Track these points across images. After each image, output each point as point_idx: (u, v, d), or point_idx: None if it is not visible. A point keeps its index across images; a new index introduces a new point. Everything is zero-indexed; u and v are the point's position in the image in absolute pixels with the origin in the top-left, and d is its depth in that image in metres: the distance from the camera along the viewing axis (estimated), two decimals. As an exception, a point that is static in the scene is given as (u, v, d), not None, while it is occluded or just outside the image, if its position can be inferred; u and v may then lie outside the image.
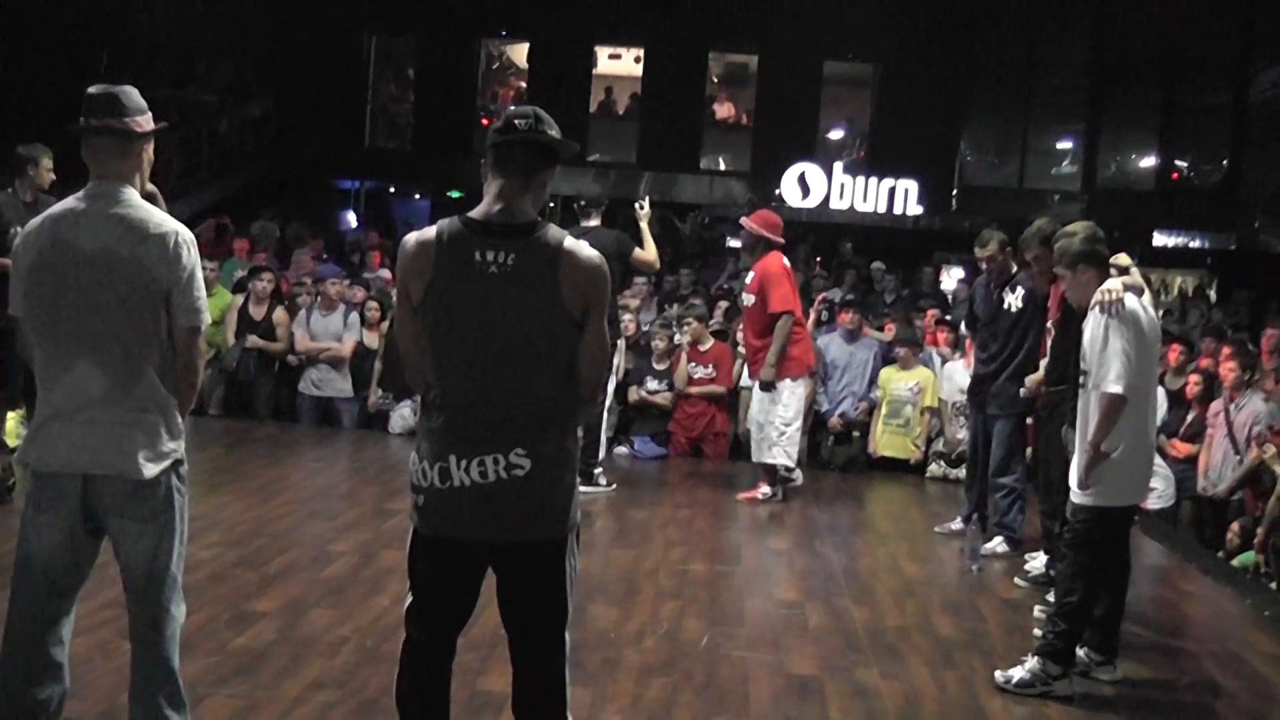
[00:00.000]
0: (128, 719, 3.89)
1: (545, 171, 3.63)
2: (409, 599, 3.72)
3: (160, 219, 3.83)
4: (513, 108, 3.65)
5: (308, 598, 6.27)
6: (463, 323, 3.50)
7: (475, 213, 3.57)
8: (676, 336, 11.35)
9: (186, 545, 3.95)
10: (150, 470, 3.76)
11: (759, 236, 9.26)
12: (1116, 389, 5.48)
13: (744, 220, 9.48)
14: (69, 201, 3.85)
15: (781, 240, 9.46)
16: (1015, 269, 8.20)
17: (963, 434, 10.53)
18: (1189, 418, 10.08)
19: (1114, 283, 5.63)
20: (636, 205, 9.76)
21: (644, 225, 9.53)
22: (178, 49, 23.18)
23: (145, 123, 3.91)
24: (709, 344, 11.11)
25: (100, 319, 3.73)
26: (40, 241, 3.77)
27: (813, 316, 11.88)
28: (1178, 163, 23.97)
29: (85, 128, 3.84)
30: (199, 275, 3.88)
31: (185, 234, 3.85)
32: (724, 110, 25.09)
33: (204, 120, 21.62)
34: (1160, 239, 22.49)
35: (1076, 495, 5.71)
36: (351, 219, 24.40)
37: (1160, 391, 9.14)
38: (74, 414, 3.74)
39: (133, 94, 3.91)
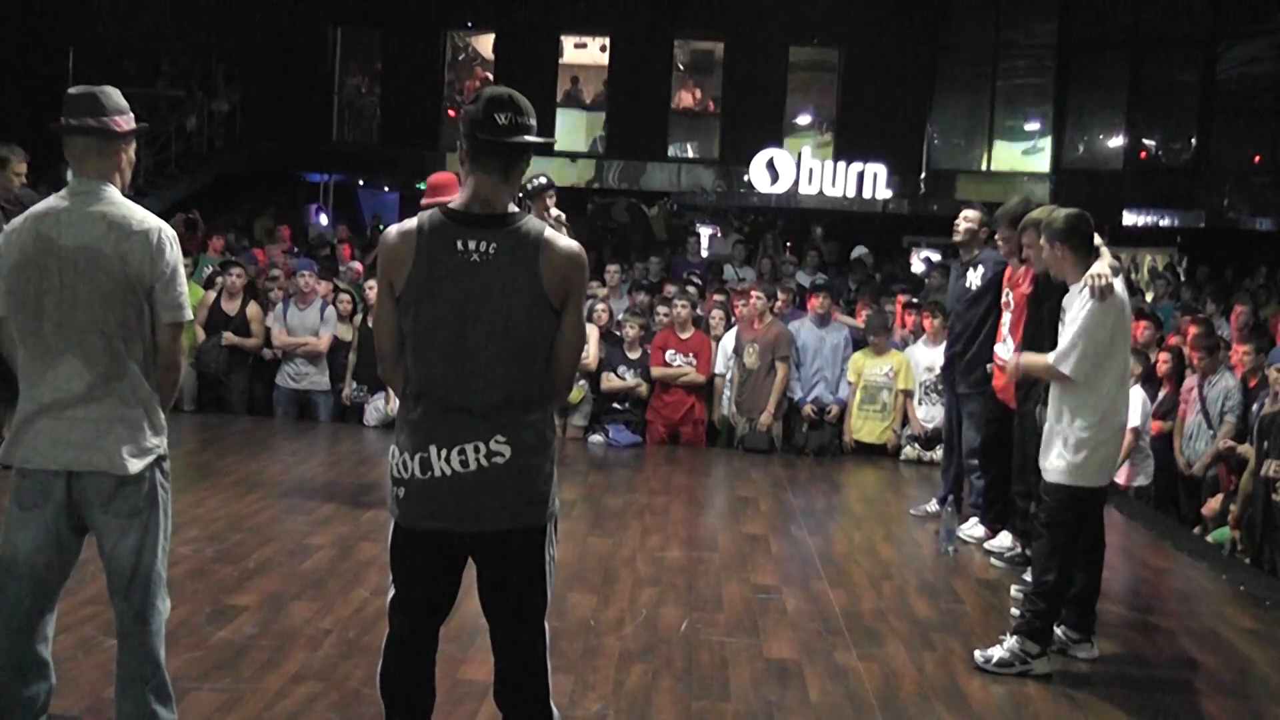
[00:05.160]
0: (115, 714, 3.90)
1: (523, 163, 3.65)
2: (391, 591, 3.73)
3: (142, 215, 3.86)
4: (489, 92, 3.60)
5: (287, 591, 6.27)
6: (445, 311, 3.51)
7: (455, 204, 3.59)
8: (653, 324, 11.39)
9: (169, 540, 3.96)
10: (134, 466, 3.78)
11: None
12: (1065, 370, 5.61)
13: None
14: (51, 200, 3.87)
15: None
16: (978, 249, 8.25)
17: (924, 414, 10.62)
18: (1160, 395, 10.15)
19: (1103, 266, 5.65)
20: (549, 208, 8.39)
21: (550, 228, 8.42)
22: (144, 46, 23.07)
23: (125, 122, 3.93)
24: (689, 332, 11.12)
25: (84, 315, 3.75)
26: (23, 239, 3.79)
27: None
28: (1146, 141, 23.99)
29: (65, 127, 3.86)
30: (181, 271, 3.92)
31: (168, 230, 3.88)
32: (690, 97, 25.07)
33: (172, 116, 21.57)
34: (1129, 218, 22.53)
35: (1049, 474, 5.76)
36: (324, 219, 24.26)
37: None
38: (59, 410, 3.76)
39: (113, 94, 3.94)
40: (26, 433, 3.79)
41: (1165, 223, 22.95)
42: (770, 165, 21.80)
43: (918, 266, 21.01)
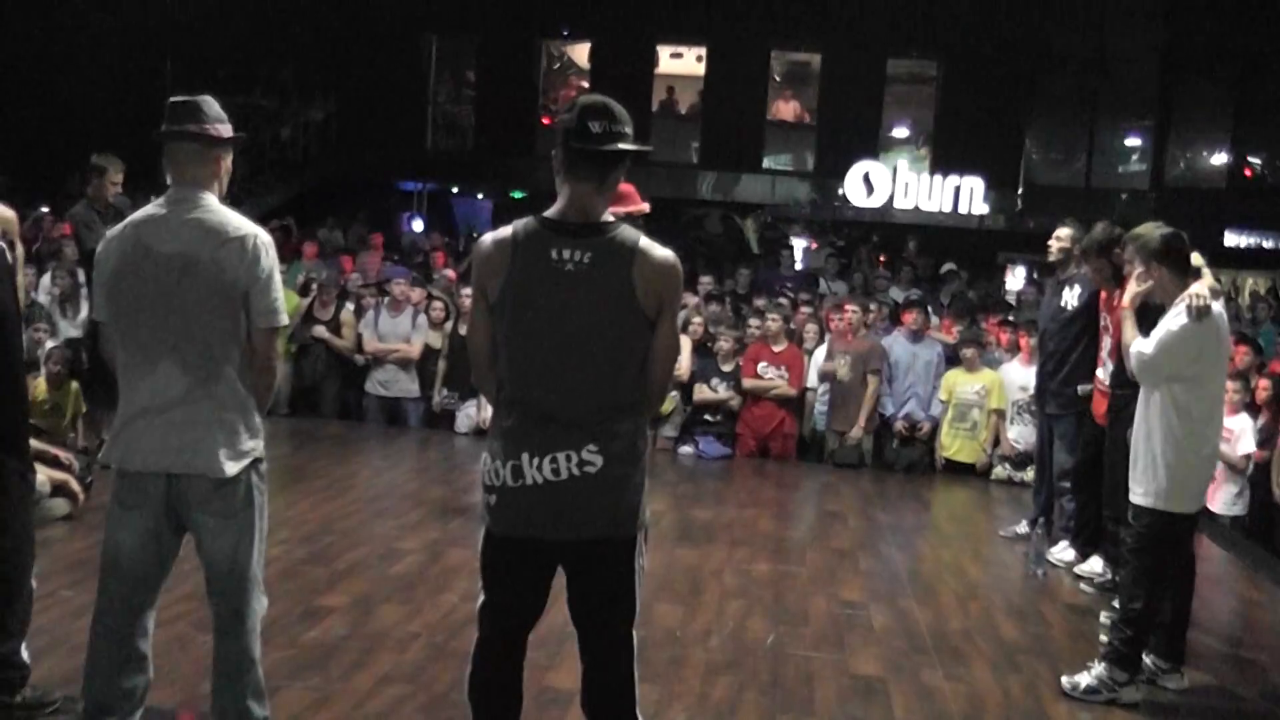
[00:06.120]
0: (210, 708, 3.99)
1: (619, 172, 3.63)
2: (481, 597, 3.74)
3: (239, 222, 3.92)
4: (583, 100, 3.59)
5: (377, 594, 6.35)
6: (538, 319, 3.52)
7: (550, 212, 3.59)
8: (745, 335, 11.39)
9: (265, 541, 4.03)
10: (231, 468, 3.85)
11: None
12: (1133, 362, 5.65)
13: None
14: (150, 207, 3.96)
15: None
16: (1075, 268, 8.14)
17: (1016, 434, 10.52)
18: (1260, 423, 9.95)
19: (1201, 287, 5.56)
20: None
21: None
22: (239, 55, 23.41)
23: (224, 130, 4.02)
24: (783, 345, 11.11)
25: (181, 320, 3.82)
26: (123, 246, 3.88)
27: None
28: (1251, 159, 23.48)
29: (166, 134, 3.95)
30: (277, 277, 3.98)
31: (264, 237, 3.95)
32: (786, 109, 24.96)
33: (266, 125, 21.88)
34: (1231, 238, 22.06)
35: (1135, 498, 5.67)
36: (418, 225, 24.38)
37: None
38: (157, 413, 3.84)
39: (212, 103, 4.03)
40: (126, 434, 3.88)
41: (1269, 244, 22.44)
42: (866, 179, 21.66)
43: (1013, 284, 20.76)
